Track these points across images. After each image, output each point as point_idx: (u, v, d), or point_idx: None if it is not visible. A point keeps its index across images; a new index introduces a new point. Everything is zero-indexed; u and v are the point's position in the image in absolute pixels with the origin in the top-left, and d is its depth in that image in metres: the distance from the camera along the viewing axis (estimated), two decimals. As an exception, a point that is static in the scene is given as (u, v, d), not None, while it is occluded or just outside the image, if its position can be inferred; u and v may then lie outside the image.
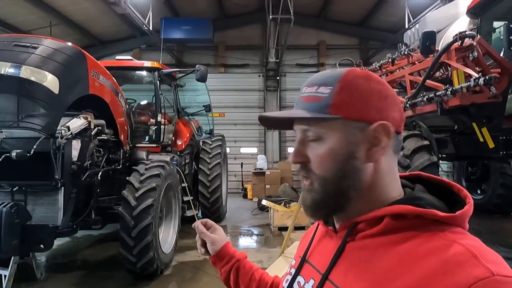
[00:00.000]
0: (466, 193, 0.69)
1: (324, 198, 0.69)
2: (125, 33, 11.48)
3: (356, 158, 0.67)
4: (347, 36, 12.36)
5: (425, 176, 0.77)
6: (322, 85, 0.69)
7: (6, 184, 3.47)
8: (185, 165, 6.63)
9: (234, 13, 11.82)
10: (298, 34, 11.58)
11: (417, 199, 0.66)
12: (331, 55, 12.03)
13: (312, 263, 0.78)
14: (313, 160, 0.70)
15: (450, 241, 0.58)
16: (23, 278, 4.09)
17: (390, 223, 0.65)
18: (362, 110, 0.67)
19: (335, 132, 0.67)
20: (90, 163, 4.07)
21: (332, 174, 0.68)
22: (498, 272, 0.53)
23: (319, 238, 0.82)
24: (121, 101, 4.86)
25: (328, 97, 0.67)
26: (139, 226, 3.87)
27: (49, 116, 3.24)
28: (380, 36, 11.79)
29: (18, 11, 8.54)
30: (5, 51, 3.23)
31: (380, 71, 5.62)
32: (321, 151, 0.68)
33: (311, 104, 0.69)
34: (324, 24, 12.16)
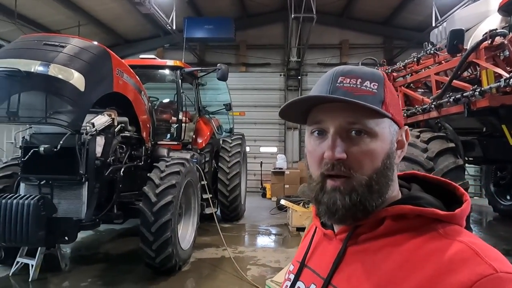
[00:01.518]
0: (462, 191, 0.69)
1: (367, 199, 0.65)
2: (149, 33, 11.71)
3: (394, 158, 0.68)
4: (371, 35, 12.12)
5: (420, 175, 0.77)
6: (366, 80, 0.67)
7: (34, 177, 3.62)
8: (205, 163, 6.69)
9: (256, 12, 11.83)
10: (320, 33, 11.45)
11: (416, 198, 0.67)
12: (354, 54, 11.83)
13: (312, 267, 0.76)
14: (358, 157, 0.64)
15: (451, 240, 0.59)
16: (48, 268, 4.26)
17: (391, 225, 0.64)
18: (397, 113, 0.69)
19: (384, 130, 0.66)
20: (113, 159, 4.18)
21: (377, 173, 0.65)
22: (501, 269, 0.53)
23: (317, 241, 0.80)
24: (144, 99, 4.96)
25: (380, 93, 0.67)
26: (159, 222, 3.94)
27: (75, 113, 3.35)
28: (405, 35, 11.49)
29: (49, 11, 8.88)
30: (35, 49, 3.36)
31: (405, 71, 5.47)
32: (371, 147, 0.65)
33: (361, 96, 0.64)
34: (347, 23, 11.97)
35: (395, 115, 0.68)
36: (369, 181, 0.65)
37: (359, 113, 0.64)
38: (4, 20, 8.23)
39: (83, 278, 4.23)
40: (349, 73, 0.68)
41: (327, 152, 0.65)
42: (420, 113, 4.69)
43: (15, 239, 3.14)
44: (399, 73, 5.67)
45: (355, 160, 0.65)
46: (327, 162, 0.66)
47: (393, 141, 0.68)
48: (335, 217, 0.66)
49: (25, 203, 3.17)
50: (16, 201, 3.18)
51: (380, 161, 0.65)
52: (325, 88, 0.68)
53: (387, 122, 0.67)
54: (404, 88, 5.48)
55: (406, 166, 3.65)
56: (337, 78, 0.68)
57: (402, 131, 0.71)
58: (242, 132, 8.01)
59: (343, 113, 0.65)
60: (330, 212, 0.67)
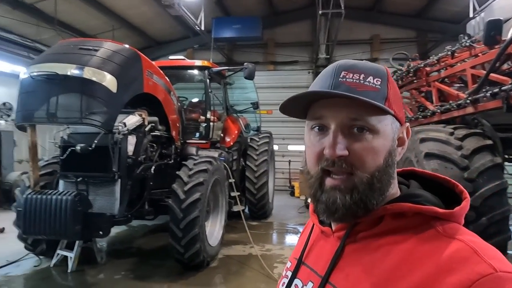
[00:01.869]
0: (461, 188, 0.68)
1: (368, 197, 0.63)
2: (179, 34, 11.99)
3: (395, 155, 0.67)
4: (403, 29, 11.69)
5: (418, 172, 0.76)
6: (370, 75, 0.65)
7: (71, 174, 3.83)
8: (233, 162, 6.76)
9: (284, 9, 11.77)
10: (350, 28, 11.20)
11: (415, 196, 0.66)
12: (385, 49, 11.47)
13: (309, 265, 0.75)
14: (360, 154, 0.63)
15: (450, 238, 0.58)
16: (86, 261, 4.50)
17: (390, 223, 0.64)
18: (399, 110, 0.68)
19: (386, 127, 0.65)
20: (144, 157, 4.34)
21: (379, 170, 0.64)
22: (500, 268, 0.53)
23: (315, 239, 0.79)
24: (173, 99, 5.10)
25: (383, 89, 0.65)
26: (187, 218, 4.04)
27: (107, 113, 3.50)
28: (440, 28, 10.97)
29: (85, 17, 9.33)
30: (71, 54, 3.55)
31: (438, 65, 5.23)
32: (374, 144, 0.63)
33: (364, 92, 0.63)
34: (378, 17, 11.62)
35: (397, 112, 0.66)
36: (371, 178, 0.63)
37: (361, 110, 0.63)
38: (45, 26, 8.75)
39: (117, 271, 4.43)
40: (352, 68, 0.66)
41: (328, 149, 0.64)
42: (455, 109, 4.46)
43: (54, 232, 3.35)
44: (432, 67, 5.43)
45: (357, 157, 0.63)
46: (328, 158, 0.64)
47: (395, 138, 0.67)
48: (335, 216, 0.65)
49: (63, 199, 3.37)
50: (55, 197, 3.39)
51: (382, 159, 0.64)
52: (327, 82, 0.66)
53: (390, 119, 0.66)
54: (438, 83, 5.24)
55: (438, 165, 3.50)
56: (340, 73, 0.66)
57: (403, 128, 0.70)
58: (270, 130, 8.02)
59: (345, 109, 0.64)
60: (329, 211, 0.65)
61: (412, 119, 6.04)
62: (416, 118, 5.77)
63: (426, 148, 3.68)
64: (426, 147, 3.70)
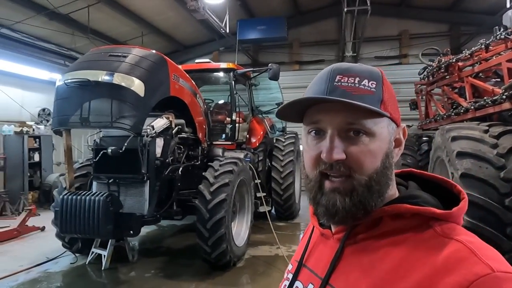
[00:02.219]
0: (459, 188, 0.68)
1: (367, 199, 0.64)
2: (205, 37, 12.19)
3: (392, 157, 0.68)
4: (434, 23, 11.23)
5: (417, 173, 0.76)
6: (365, 78, 0.65)
7: (103, 176, 4.00)
8: (259, 162, 6.79)
9: (308, 8, 11.66)
10: (377, 25, 10.91)
11: (413, 197, 0.66)
12: (415, 45, 11.07)
13: (310, 267, 0.76)
14: (357, 157, 0.64)
15: (448, 238, 0.59)
16: (118, 259, 4.69)
17: (389, 224, 0.64)
18: (395, 112, 0.69)
19: (382, 129, 0.66)
20: (172, 159, 4.46)
21: (377, 172, 0.64)
22: (498, 268, 0.53)
23: (315, 241, 0.79)
24: (199, 102, 5.20)
25: (378, 92, 0.66)
26: (214, 218, 4.11)
27: (136, 117, 3.64)
28: (475, 20, 10.44)
29: (116, 24, 9.71)
30: (101, 61, 3.72)
31: (472, 59, 4.99)
32: (371, 147, 0.64)
33: (359, 96, 0.63)
34: (407, 12, 11.23)
35: (393, 114, 0.67)
36: (369, 181, 0.64)
37: (357, 113, 0.63)
38: (79, 35, 9.19)
39: (148, 269, 4.58)
40: (347, 72, 0.66)
41: (325, 153, 0.64)
42: (490, 105, 4.24)
43: (88, 231, 3.52)
44: (465, 62, 5.19)
45: (354, 160, 0.64)
46: (326, 162, 0.65)
47: (392, 140, 0.68)
48: (335, 219, 0.66)
49: (95, 199, 3.54)
50: (88, 198, 3.56)
51: (379, 161, 0.65)
52: (323, 87, 0.66)
53: (386, 121, 0.66)
54: (471, 79, 5.00)
55: (472, 164, 3.35)
56: (335, 77, 0.66)
57: (400, 130, 0.71)
58: (295, 130, 7.98)
59: (341, 113, 0.64)
60: (329, 214, 0.66)
61: (444, 117, 5.81)
62: (448, 115, 5.54)
63: (458, 146, 3.53)
64: (458, 145, 3.55)
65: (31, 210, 6.31)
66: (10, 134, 8.35)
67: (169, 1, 9.05)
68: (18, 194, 8.15)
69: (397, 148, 0.70)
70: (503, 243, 3.04)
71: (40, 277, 4.36)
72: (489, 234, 3.06)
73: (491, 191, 3.14)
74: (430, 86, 6.78)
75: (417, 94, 7.87)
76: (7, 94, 8.56)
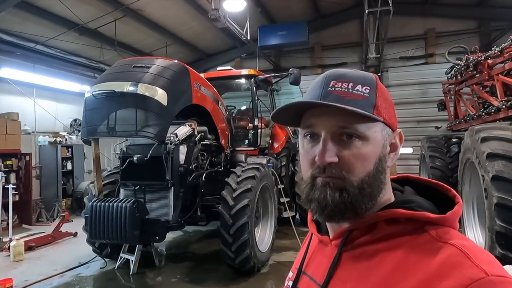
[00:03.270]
0: (454, 193, 0.68)
1: (358, 201, 0.65)
2: (227, 45, 12.37)
3: (386, 161, 0.68)
4: (462, 20, 10.82)
5: (413, 178, 0.76)
6: (358, 84, 0.67)
7: (130, 183, 4.13)
8: (281, 168, 6.78)
9: (330, 12, 11.58)
10: (401, 24, 10.66)
11: (408, 202, 0.66)
12: (442, 43, 10.70)
13: (309, 274, 0.77)
14: (350, 160, 0.65)
15: (442, 243, 0.59)
16: (146, 264, 4.80)
17: (384, 229, 0.64)
18: (390, 116, 0.69)
19: (376, 134, 0.67)
20: (195, 165, 4.54)
21: (369, 176, 0.66)
22: (492, 272, 0.53)
23: (314, 248, 0.80)
24: (221, 109, 5.28)
25: (371, 97, 0.67)
26: (237, 224, 4.14)
27: (160, 125, 3.74)
28: (506, 15, 9.96)
29: (141, 36, 10.06)
30: (126, 72, 3.87)
31: (502, 56, 4.77)
32: (363, 151, 0.65)
33: (352, 101, 0.65)
34: (433, 10, 10.89)
35: (387, 119, 0.67)
36: (361, 184, 0.64)
37: (350, 118, 0.64)
38: (107, 48, 9.60)
39: (174, 274, 4.66)
40: (341, 77, 0.68)
41: (318, 156, 0.66)
42: (523, 104, 4.05)
43: (115, 237, 3.64)
44: (495, 59, 4.98)
45: (346, 164, 0.65)
46: (319, 165, 0.66)
47: (386, 145, 0.68)
48: (325, 213, 0.66)
49: (122, 206, 3.66)
50: (115, 204, 3.69)
51: (372, 165, 0.65)
52: (317, 92, 0.68)
53: (380, 126, 0.67)
54: (502, 77, 4.78)
55: (503, 166, 3.19)
56: (329, 82, 0.68)
57: (395, 134, 0.71)
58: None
59: (334, 117, 0.66)
60: (320, 208, 0.67)
61: (474, 117, 5.57)
62: (479, 115, 5.31)
63: (489, 148, 3.38)
64: (489, 146, 3.40)
65: (64, 217, 6.60)
66: (45, 144, 8.80)
67: (191, 12, 9.27)
68: (53, 201, 8.56)
69: (392, 152, 0.70)
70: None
71: (73, 281, 4.55)
72: (524, 239, 2.90)
73: (526, 194, 2.98)
74: (459, 85, 6.54)
75: (445, 94, 7.61)
76: (42, 107, 9.05)
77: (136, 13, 8.77)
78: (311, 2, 10.66)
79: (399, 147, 0.71)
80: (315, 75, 12.02)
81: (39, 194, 8.72)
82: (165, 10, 8.97)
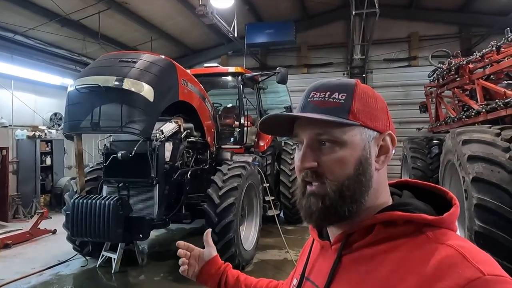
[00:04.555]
0: (451, 195, 0.69)
1: (338, 204, 0.67)
2: (213, 42, 12.28)
3: (370, 164, 0.69)
4: (445, 25, 11.11)
5: (411, 182, 0.78)
6: (335, 92, 0.70)
7: (114, 180, 4.05)
8: (267, 166, 6.79)
9: (317, 12, 11.66)
10: (386, 27, 10.85)
11: (405, 204, 0.68)
12: (424, 47, 10.96)
13: (312, 279, 0.78)
14: (328, 165, 0.68)
15: (439, 244, 0.60)
16: (128, 262, 4.72)
17: (381, 231, 0.65)
18: (375, 120, 0.70)
19: (353, 137, 0.69)
20: (181, 163, 4.49)
21: (349, 179, 0.68)
22: (488, 272, 0.54)
23: (316, 253, 0.81)
24: (207, 106, 5.23)
25: (346, 103, 0.69)
26: (222, 222, 4.12)
27: (145, 121, 3.68)
28: (486, 21, 10.30)
29: (126, 30, 9.85)
30: (112, 66, 3.78)
31: (483, 61, 4.93)
32: (340, 155, 0.68)
33: (327, 108, 0.69)
34: (416, 14, 11.14)
35: (368, 122, 0.69)
36: (341, 187, 0.67)
37: (324, 125, 0.68)
38: (90, 41, 9.35)
39: (157, 272, 4.61)
40: (320, 88, 0.72)
41: (298, 162, 0.72)
42: (502, 108, 4.18)
43: (98, 234, 3.56)
44: (476, 64, 5.13)
45: (325, 168, 0.68)
46: (302, 170, 0.71)
47: (367, 147, 0.69)
48: (312, 219, 0.70)
49: (106, 203, 3.58)
50: (98, 202, 3.61)
51: (352, 168, 0.67)
52: (301, 104, 0.74)
53: (358, 129, 0.68)
54: (482, 81, 4.93)
55: (483, 168, 3.29)
56: (310, 94, 0.73)
57: (385, 136, 0.71)
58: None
59: (311, 126, 0.70)
60: (307, 215, 0.71)
61: (455, 120, 5.74)
62: (459, 118, 5.47)
63: (469, 150, 3.48)
64: (469, 149, 3.50)
65: (43, 213, 6.41)
66: (23, 138, 8.51)
67: (178, 7, 9.15)
68: (31, 198, 8.29)
69: (383, 155, 0.71)
70: (516, 248, 2.98)
71: (51, 279, 4.42)
72: (502, 239, 3.00)
73: (504, 195, 3.08)
74: (440, 88, 6.71)
75: (427, 97, 7.79)
76: (21, 100, 8.74)
77: (121, 6, 8.58)
78: (298, 1, 10.70)
79: (391, 149, 0.72)
80: (301, 74, 12.11)
81: (16, 190, 8.43)
82: (151, 4, 8.81)
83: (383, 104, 0.73)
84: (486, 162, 3.30)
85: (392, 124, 0.74)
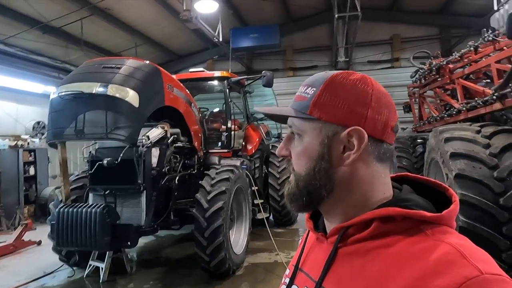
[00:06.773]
0: (452, 192, 0.69)
1: (296, 193, 0.72)
2: (199, 46, 12.28)
3: (326, 160, 0.69)
4: (425, 26, 11.40)
5: (411, 176, 0.77)
6: (310, 86, 0.72)
7: (100, 188, 3.99)
8: (255, 169, 6.80)
9: (301, 16, 11.80)
10: (369, 29, 11.06)
11: (404, 200, 0.66)
12: (406, 48, 11.22)
13: (306, 271, 0.78)
14: (293, 155, 0.74)
15: (438, 241, 0.59)
16: (117, 271, 4.64)
17: (379, 227, 0.64)
18: (339, 114, 0.68)
19: (312, 132, 0.70)
20: (168, 168, 4.45)
21: (304, 171, 0.71)
22: (486, 270, 0.53)
23: (311, 245, 0.81)
24: (194, 111, 5.21)
25: (310, 97, 0.70)
26: (211, 227, 4.10)
27: (131, 127, 3.64)
28: (464, 23, 10.62)
29: (110, 36, 9.76)
30: (95, 73, 3.74)
31: (462, 61, 5.07)
32: (298, 148, 0.72)
33: (297, 103, 0.73)
34: (397, 16, 11.41)
35: (328, 117, 0.68)
36: (298, 177, 0.71)
37: (292, 118, 0.74)
38: (73, 48, 9.23)
39: (146, 280, 4.54)
40: (305, 82, 0.75)
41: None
42: (481, 106, 4.30)
43: (85, 243, 3.49)
44: (455, 64, 5.27)
45: (292, 159, 0.74)
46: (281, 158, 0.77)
47: (327, 143, 0.68)
48: (290, 205, 0.74)
49: (92, 211, 3.52)
50: (85, 210, 3.54)
51: (308, 162, 0.70)
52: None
53: (317, 123, 0.69)
54: (462, 80, 5.07)
55: (465, 164, 3.38)
56: (299, 88, 0.76)
57: (351, 131, 0.66)
58: (291, 136, 7.99)
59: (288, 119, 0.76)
60: (287, 201, 0.75)
61: (437, 119, 5.87)
62: (441, 117, 5.60)
63: (452, 147, 3.57)
64: (452, 146, 3.59)
65: (27, 225, 6.25)
66: (4, 148, 8.30)
67: (162, 12, 9.12)
68: (14, 209, 8.07)
69: (350, 151, 0.67)
70: (499, 242, 3.06)
71: (37, 292, 4.31)
72: (485, 233, 3.08)
73: (486, 190, 3.18)
74: (423, 88, 6.86)
75: (410, 97, 7.95)
76: (1, 108, 8.54)
77: (104, 12, 8.50)
78: (282, 5, 10.80)
79: (356, 145, 0.66)
80: (287, 77, 12.20)
81: (-2, 201, 8.19)
82: (135, 10, 8.76)
83: (369, 97, 0.67)
84: (468, 158, 3.39)
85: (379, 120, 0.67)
